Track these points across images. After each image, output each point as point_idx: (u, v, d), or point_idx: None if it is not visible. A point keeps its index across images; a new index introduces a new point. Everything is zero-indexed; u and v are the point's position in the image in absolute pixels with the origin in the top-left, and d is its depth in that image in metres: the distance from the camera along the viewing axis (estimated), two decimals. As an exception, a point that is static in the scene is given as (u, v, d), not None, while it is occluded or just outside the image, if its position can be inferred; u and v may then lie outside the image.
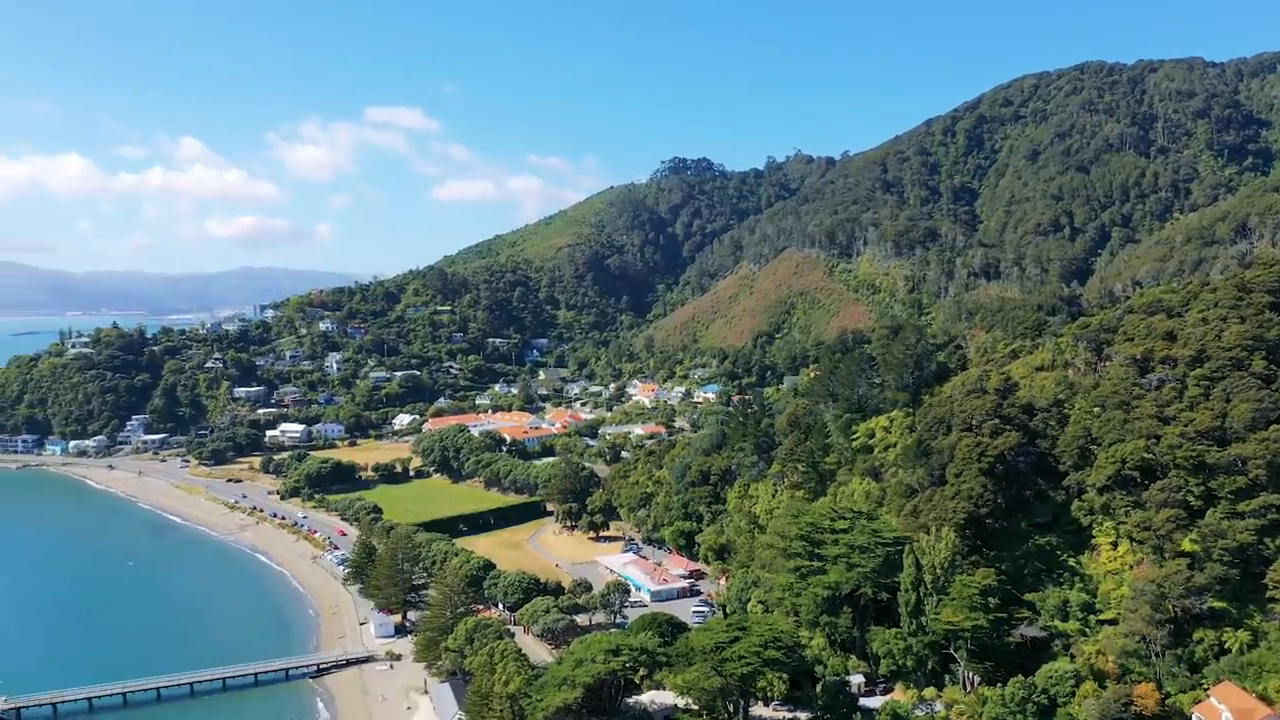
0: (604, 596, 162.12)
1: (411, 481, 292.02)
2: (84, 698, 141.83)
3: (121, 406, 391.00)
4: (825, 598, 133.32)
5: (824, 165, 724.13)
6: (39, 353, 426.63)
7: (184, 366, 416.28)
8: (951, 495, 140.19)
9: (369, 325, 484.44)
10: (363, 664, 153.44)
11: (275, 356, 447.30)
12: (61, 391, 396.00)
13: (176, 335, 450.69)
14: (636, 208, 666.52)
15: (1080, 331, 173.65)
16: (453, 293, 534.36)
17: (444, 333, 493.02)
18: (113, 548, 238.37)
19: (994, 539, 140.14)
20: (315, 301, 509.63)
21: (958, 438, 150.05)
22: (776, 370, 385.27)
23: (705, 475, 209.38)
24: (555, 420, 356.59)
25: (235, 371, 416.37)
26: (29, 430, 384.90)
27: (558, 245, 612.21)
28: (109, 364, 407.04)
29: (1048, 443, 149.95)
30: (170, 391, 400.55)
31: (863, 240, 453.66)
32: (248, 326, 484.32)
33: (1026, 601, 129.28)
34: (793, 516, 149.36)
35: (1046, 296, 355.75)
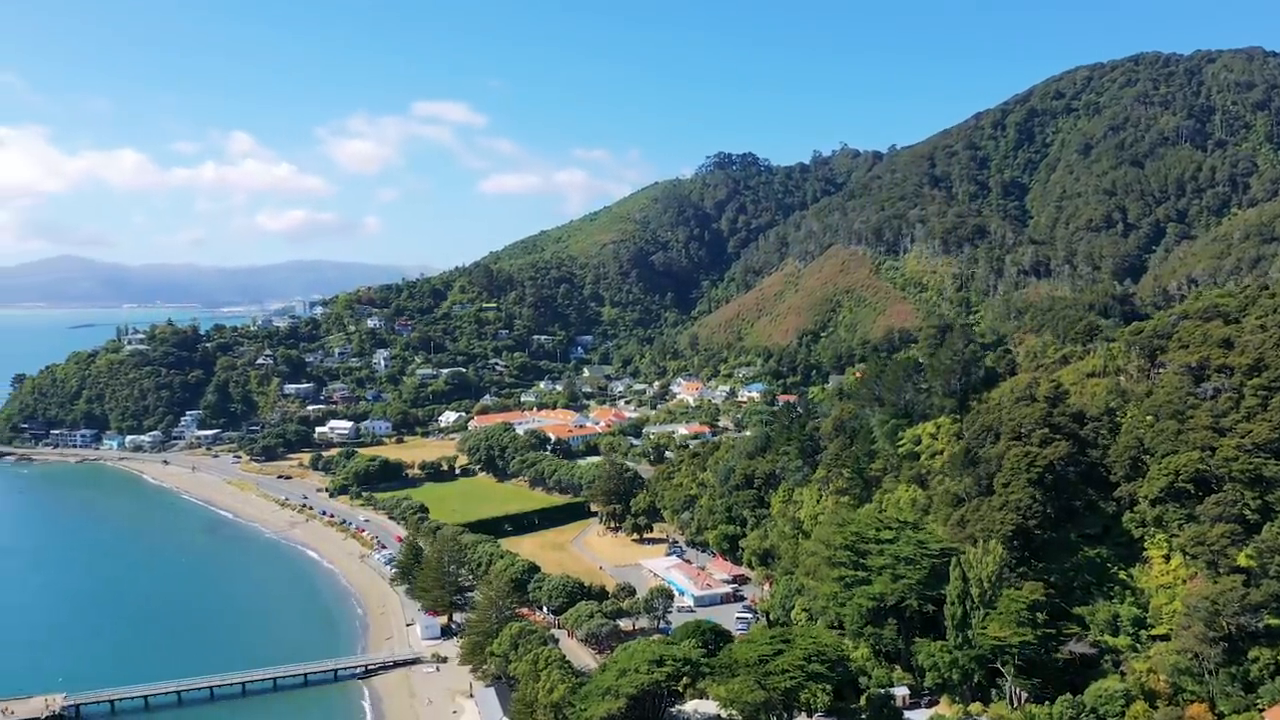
0: (647, 602, 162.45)
1: (458, 480, 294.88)
2: (140, 695, 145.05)
3: (176, 402, 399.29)
4: (870, 609, 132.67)
5: (870, 160, 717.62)
6: (97, 349, 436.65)
7: (236, 363, 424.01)
8: (999, 506, 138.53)
9: (416, 322, 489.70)
10: (409, 666, 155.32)
11: (324, 353, 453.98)
12: (118, 387, 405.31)
13: (228, 332, 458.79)
14: (681, 203, 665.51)
15: (1133, 338, 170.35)
16: (498, 289, 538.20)
17: (489, 330, 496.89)
18: (168, 544, 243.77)
19: (1042, 550, 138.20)
20: (363, 298, 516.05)
21: (1006, 446, 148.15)
22: (822, 369, 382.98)
23: (749, 479, 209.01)
24: (599, 419, 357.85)
25: (285, 368, 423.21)
26: (87, 425, 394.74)
27: (602, 242, 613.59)
28: (164, 360, 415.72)
29: (1098, 452, 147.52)
30: (223, 388, 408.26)
31: (910, 237, 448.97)
32: (298, 323, 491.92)
33: (1075, 615, 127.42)
34: (837, 525, 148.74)
35: (1098, 295, 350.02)
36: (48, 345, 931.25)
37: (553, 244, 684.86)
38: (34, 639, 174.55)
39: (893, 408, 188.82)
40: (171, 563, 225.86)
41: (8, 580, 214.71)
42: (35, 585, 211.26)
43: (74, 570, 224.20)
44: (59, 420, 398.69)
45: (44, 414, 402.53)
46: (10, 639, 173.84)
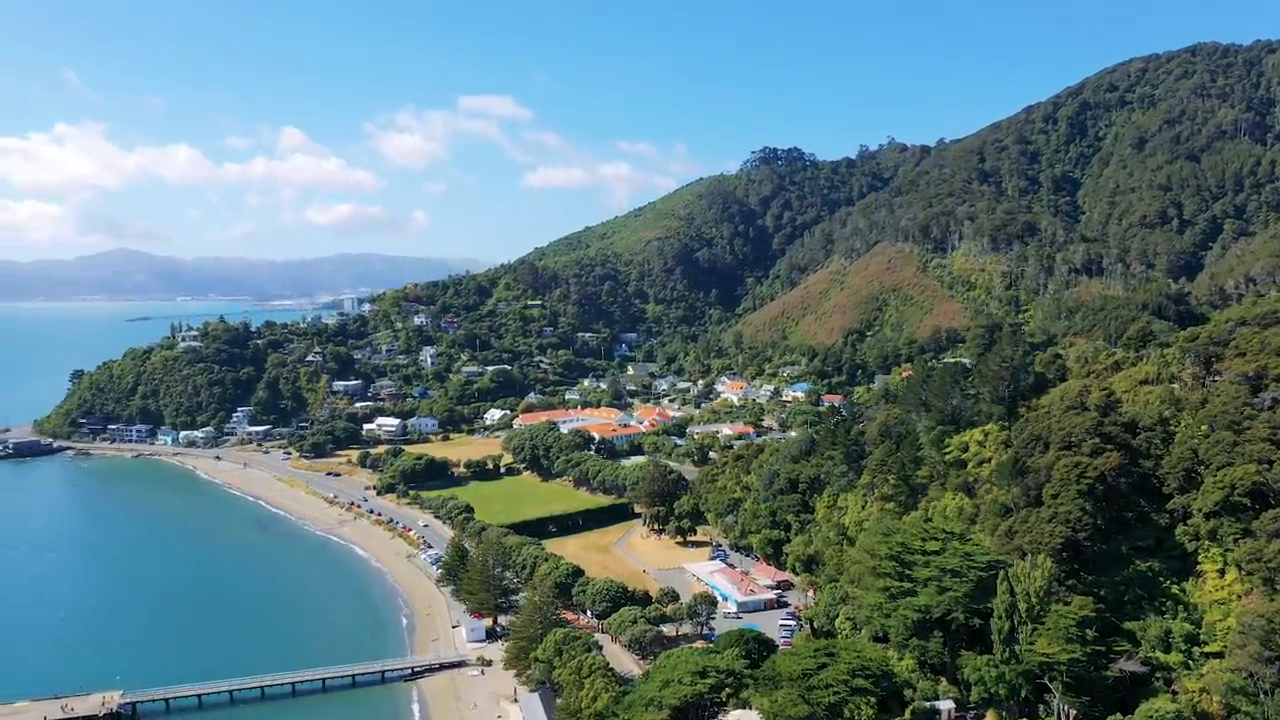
0: (691, 608, 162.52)
1: (503, 479, 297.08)
2: (194, 694, 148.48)
3: (228, 398, 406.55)
4: (915, 621, 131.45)
5: (918, 154, 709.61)
6: (152, 345, 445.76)
7: (286, 360, 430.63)
8: (1048, 518, 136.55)
9: (462, 319, 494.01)
10: (454, 669, 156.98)
11: (372, 350, 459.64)
12: (173, 383, 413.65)
13: (279, 329, 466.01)
14: (726, 199, 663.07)
15: (1188, 344, 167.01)
16: (543, 287, 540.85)
17: (534, 327, 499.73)
18: (220, 540, 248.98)
19: (1092, 563, 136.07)
20: (410, 296, 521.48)
21: (1055, 457, 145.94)
22: (867, 369, 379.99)
23: (794, 483, 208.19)
24: (643, 418, 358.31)
25: (334, 365, 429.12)
26: (143, 420, 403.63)
27: (647, 238, 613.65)
28: (216, 357, 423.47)
29: (1151, 463, 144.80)
30: (273, 384, 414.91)
31: (958, 234, 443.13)
32: (346, 320, 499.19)
33: (1126, 630, 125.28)
34: (883, 535, 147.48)
35: (1152, 295, 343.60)
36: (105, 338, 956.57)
37: (597, 240, 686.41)
38: (92, 635, 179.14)
39: (939, 413, 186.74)
40: (225, 561, 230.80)
41: (68, 576, 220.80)
42: (94, 581, 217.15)
43: (130, 566, 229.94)
44: (116, 415, 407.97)
45: (101, 409, 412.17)
46: (70, 635, 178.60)
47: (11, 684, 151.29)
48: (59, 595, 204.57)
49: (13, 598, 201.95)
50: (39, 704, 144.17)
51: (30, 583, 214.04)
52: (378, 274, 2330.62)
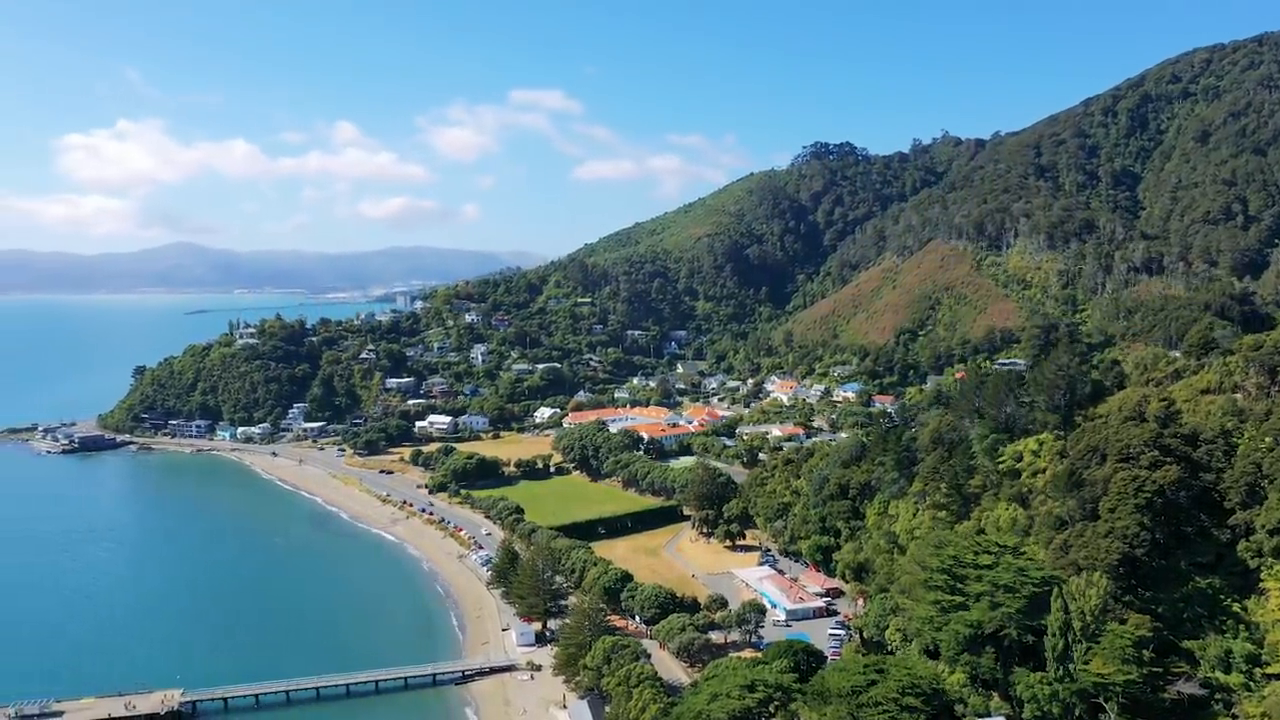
0: (740, 615, 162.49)
1: (552, 478, 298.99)
2: (252, 694, 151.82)
3: (284, 395, 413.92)
4: (967, 636, 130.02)
5: (973, 148, 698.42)
6: (211, 342, 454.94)
7: (340, 357, 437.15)
8: (1105, 533, 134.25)
9: (512, 317, 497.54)
10: (504, 673, 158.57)
11: (424, 347, 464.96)
12: (230, 380, 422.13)
13: (333, 326, 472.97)
14: (776, 195, 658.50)
15: (1252, 353, 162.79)
16: (593, 284, 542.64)
17: (584, 325, 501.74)
18: (277, 538, 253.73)
19: (1150, 579, 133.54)
20: (462, 293, 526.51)
21: (1113, 469, 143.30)
22: (919, 370, 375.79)
23: (844, 489, 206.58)
24: (693, 417, 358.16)
25: (387, 362, 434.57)
26: (202, 416, 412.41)
27: (696, 235, 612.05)
28: (273, 354, 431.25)
29: (1212, 476, 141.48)
30: (328, 381, 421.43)
31: (1013, 232, 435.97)
32: (399, 317, 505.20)
33: (1184, 650, 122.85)
34: (934, 547, 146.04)
35: (1215, 294, 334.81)
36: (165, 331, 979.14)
37: (647, 236, 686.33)
38: (152, 632, 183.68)
39: (993, 421, 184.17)
40: (280, 557, 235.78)
41: (131, 572, 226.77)
42: (154, 577, 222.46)
43: (190, 562, 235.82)
44: (176, 411, 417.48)
45: (162, 404, 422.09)
46: (131, 632, 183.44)
47: (76, 680, 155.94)
48: (121, 591, 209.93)
49: (77, 593, 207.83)
50: (103, 700, 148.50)
51: (93, 578, 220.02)
52: (429, 267, 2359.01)
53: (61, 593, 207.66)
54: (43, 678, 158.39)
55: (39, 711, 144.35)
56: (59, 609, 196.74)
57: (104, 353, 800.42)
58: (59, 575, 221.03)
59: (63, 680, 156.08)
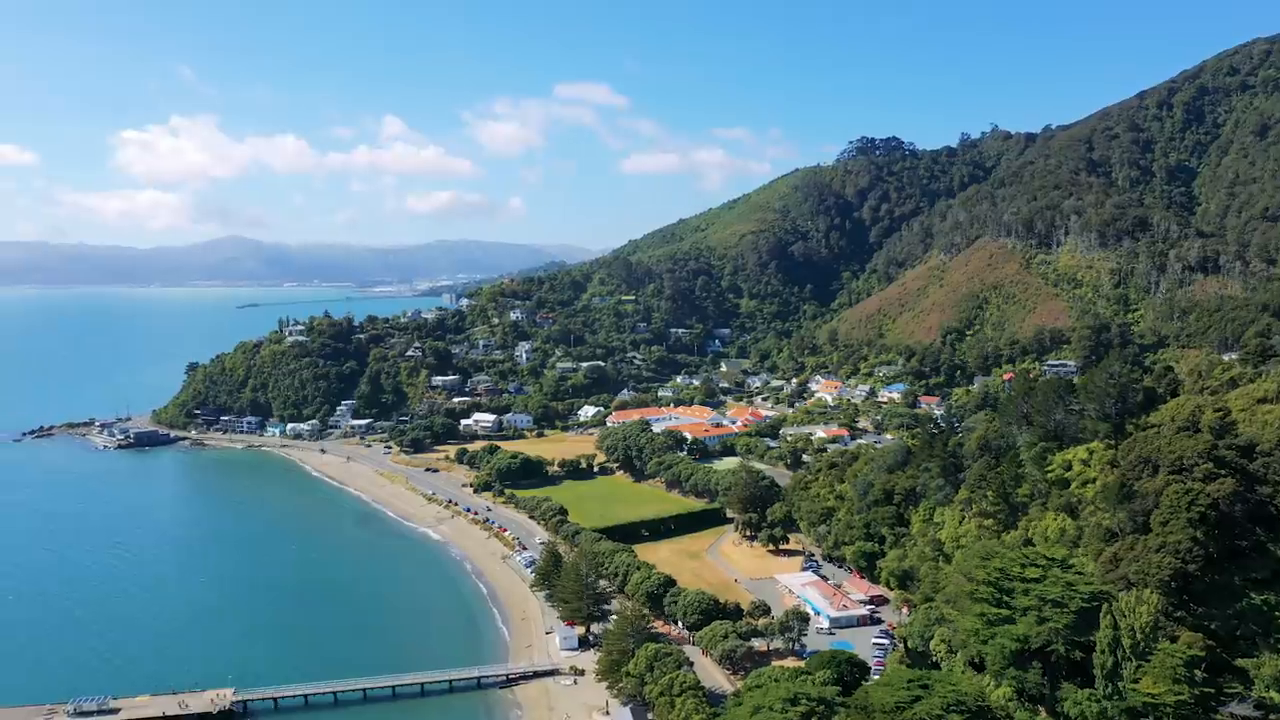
0: (783, 623, 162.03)
1: (596, 478, 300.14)
2: (301, 694, 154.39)
3: (332, 392, 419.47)
4: (1013, 650, 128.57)
5: (1022, 142, 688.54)
6: (261, 339, 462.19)
7: (387, 354, 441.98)
8: (1156, 547, 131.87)
9: (556, 315, 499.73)
10: (548, 677, 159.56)
11: (469, 345, 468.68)
12: (280, 377, 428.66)
13: (380, 324, 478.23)
14: (822, 191, 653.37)
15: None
16: (637, 282, 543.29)
17: (628, 323, 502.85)
18: (325, 537, 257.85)
19: (1203, 595, 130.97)
20: (507, 291, 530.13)
21: (1165, 481, 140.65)
22: (966, 370, 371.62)
23: (889, 494, 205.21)
24: (736, 417, 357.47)
25: (433, 360, 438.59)
26: (253, 412, 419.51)
27: (741, 232, 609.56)
28: (321, 351, 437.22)
29: (1269, 489, 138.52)
30: (375, 379, 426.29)
31: (1064, 229, 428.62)
32: (445, 315, 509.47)
33: (1238, 669, 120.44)
34: (981, 559, 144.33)
35: (1274, 294, 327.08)
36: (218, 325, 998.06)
37: (691, 233, 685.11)
38: (203, 630, 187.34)
39: (1041, 429, 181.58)
40: (327, 555, 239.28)
41: (182, 570, 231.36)
42: (205, 575, 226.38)
43: (239, 559, 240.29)
44: (227, 407, 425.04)
45: (214, 401, 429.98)
46: (182, 630, 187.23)
47: (130, 677, 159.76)
48: (172, 589, 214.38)
49: (132, 590, 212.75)
50: (158, 698, 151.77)
51: (147, 575, 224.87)
52: (475, 261, 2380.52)
53: (118, 590, 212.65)
54: (98, 674, 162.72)
55: (97, 708, 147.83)
56: (116, 606, 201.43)
57: (158, 346, 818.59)
58: (115, 572, 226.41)
59: (118, 677, 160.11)
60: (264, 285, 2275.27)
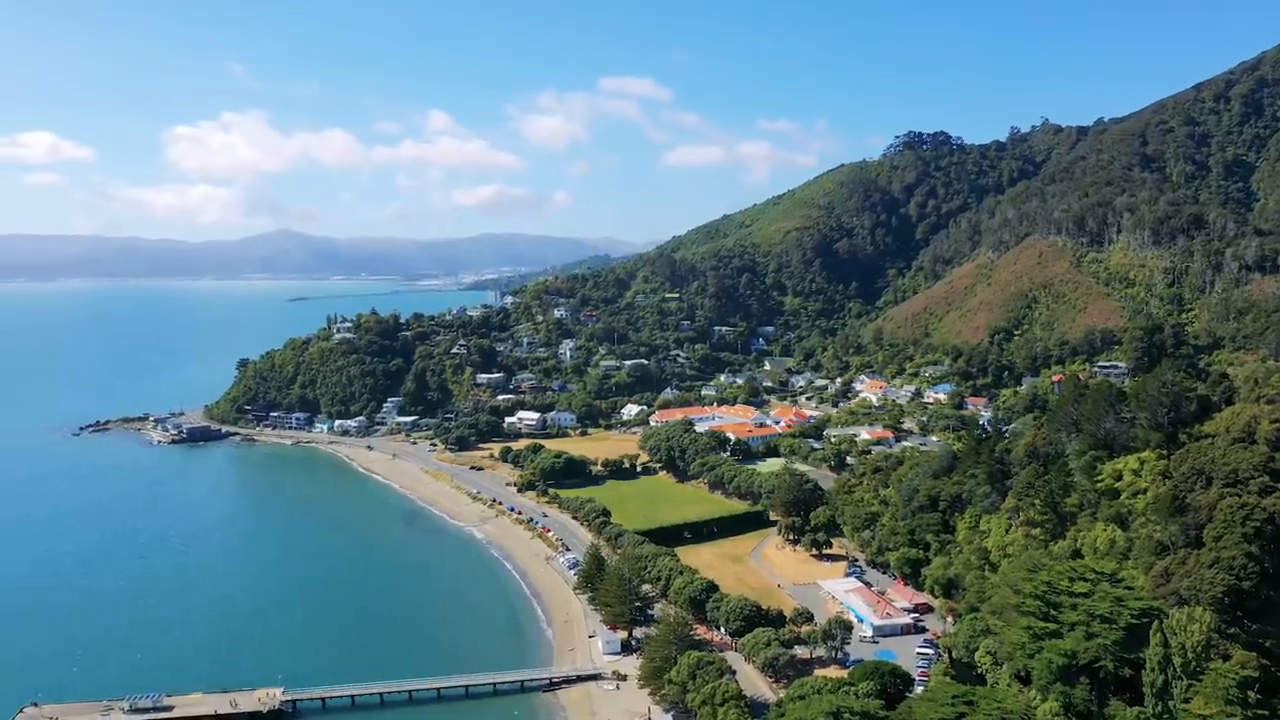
0: (826, 630, 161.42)
1: (639, 478, 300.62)
2: (348, 695, 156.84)
3: (379, 389, 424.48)
4: (1060, 665, 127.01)
5: (1074, 136, 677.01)
6: (310, 336, 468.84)
7: (433, 351, 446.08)
8: (1209, 563, 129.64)
9: (600, 312, 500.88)
10: (590, 681, 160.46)
11: (514, 343, 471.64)
12: (328, 373, 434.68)
13: (426, 321, 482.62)
14: (867, 187, 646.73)
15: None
16: (680, 279, 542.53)
17: (671, 320, 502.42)
18: (371, 535, 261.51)
19: (1258, 612, 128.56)
20: (551, 288, 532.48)
21: (1219, 495, 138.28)
22: (1014, 371, 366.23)
23: (934, 500, 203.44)
24: (780, 417, 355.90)
25: (478, 357, 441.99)
26: (301, 408, 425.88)
27: (785, 229, 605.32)
28: (368, 348, 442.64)
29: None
30: (420, 376, 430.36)
31: (1116, 227, 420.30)
32: (490, 312, 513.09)
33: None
34: (1028, 571, 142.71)
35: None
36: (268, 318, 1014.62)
37: (736, 229, 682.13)
38: (252, 628, 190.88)
39: (1091, 437, 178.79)
40: (373, 554, 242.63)
41: (233, 566, 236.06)
42: (253, 572, 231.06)
43: (287, 557, 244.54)
44: (277, 403, 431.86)
45: (264, 397, 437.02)
46: (232, 627, 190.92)
47: (181, 674, 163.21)
48: (221, 585, 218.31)
49: (182, 586, 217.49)
50: (210, 696, 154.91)
51: (198, 571, 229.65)
52: (520, 254, 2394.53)
53: (171, 586, 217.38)
54: (151, 670, 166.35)
55: (151, 705, 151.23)
56: (169, 601, 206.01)
57: (210, 340, 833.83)
58: (169, 568, 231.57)
59: (170, 673, 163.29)
60: (312, 278, 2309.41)
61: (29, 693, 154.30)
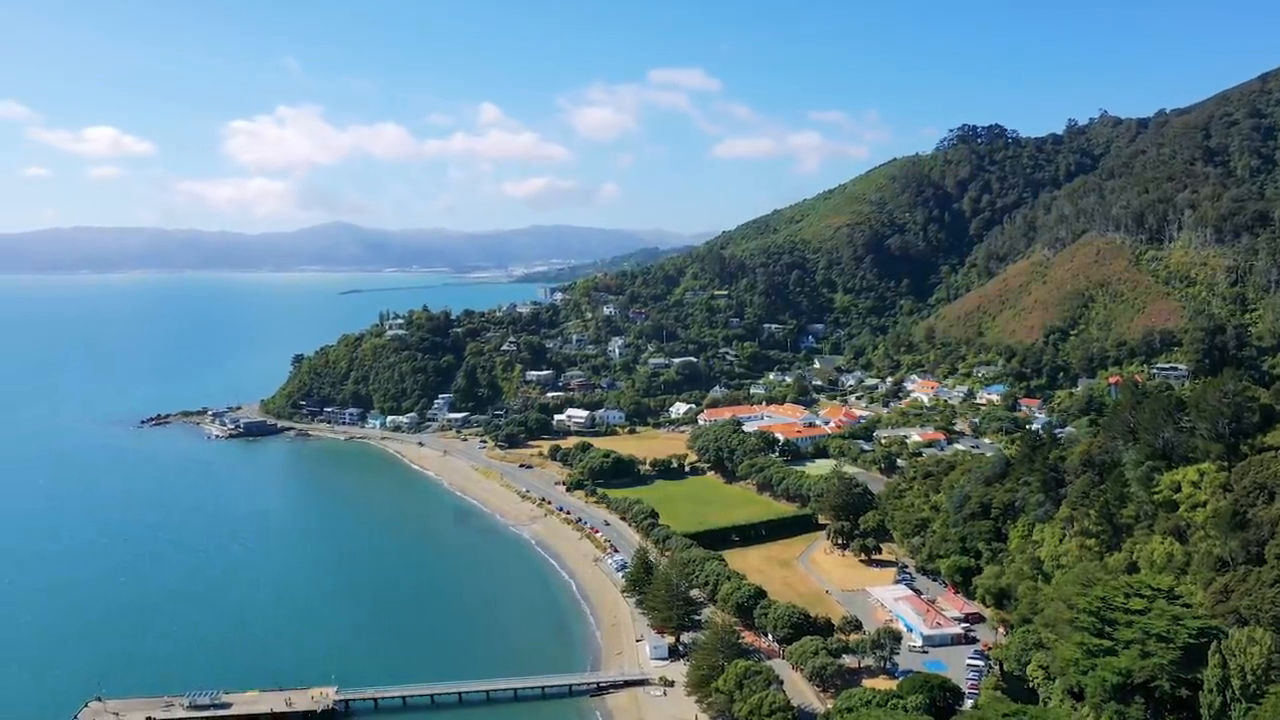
0: (875, 640, 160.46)
1: (687, 479, 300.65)
2: (399, 696, 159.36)
3: (430, 385, 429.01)
4: (1115, 684, 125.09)
5: (1134, 129, 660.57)
6: (363, 332, 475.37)
7: (483, 348, 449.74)
8: (1271, 581, 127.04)
9: (649, 309, 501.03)
10: (637, 686, 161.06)
11: (563, 339, 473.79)
12: (380, 370, 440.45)
13: (476, 318, 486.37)
14: (920, 181, 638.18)
15: None
16: (729, 276, 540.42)
17: (720, 318, 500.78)
18: (422, 532, 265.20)
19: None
20: (600, 285, 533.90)
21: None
22: (1070, 372, 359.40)
23: (985, 507, 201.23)
24: (829, 417, 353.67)
25: (527, 354, 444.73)
26: (354, 404, 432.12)
27: (836, 224, 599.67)
28: (420, 345, 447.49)
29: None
30: (471, 373, 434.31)
31: (1177, 224, 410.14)
32: (539, 309, 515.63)
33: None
34: (1082, 585, 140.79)
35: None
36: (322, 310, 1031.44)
37: (785, 224, 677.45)
38: (304, 626, 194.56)
39: (1149, 446, 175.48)
40: (424, 552, 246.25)
41: (287, 562, 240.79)
42: (306, 569, 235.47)
43: (338, 554, 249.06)
44: (331, 399, 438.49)
45: (318, 392, 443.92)
46: (285, 625, 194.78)
47: (237, 671, 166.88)
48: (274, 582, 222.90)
49: (239, 581, 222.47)
50: (266, 694, 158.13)
51: (255, 567, 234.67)
52: (569, 246, 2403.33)
53: (229, 581, 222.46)
54: (207, 665, 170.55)
55: (210, 702, 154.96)
56: (227, 597, 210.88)
57: (265, 332, 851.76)
58: (228, 563, 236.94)
59: (226, 670, 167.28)
60: (365, 270, 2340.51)
61: (94, 687, 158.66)
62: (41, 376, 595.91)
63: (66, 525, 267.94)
